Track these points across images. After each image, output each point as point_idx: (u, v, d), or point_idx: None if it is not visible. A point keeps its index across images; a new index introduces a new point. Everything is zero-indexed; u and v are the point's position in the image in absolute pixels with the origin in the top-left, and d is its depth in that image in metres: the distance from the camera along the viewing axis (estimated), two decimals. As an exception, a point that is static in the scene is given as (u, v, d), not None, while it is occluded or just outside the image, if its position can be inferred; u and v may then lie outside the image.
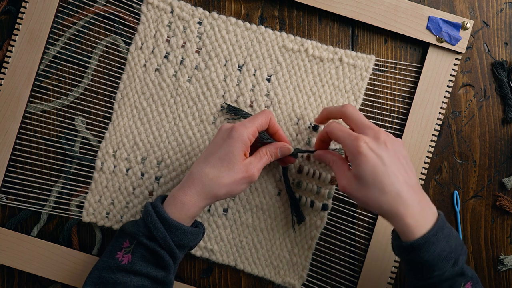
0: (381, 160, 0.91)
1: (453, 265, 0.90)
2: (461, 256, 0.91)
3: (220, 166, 0.95)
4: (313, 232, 1.11)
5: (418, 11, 1.08)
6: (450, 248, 0.89)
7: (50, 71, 1.12)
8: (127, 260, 0.93)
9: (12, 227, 1.12)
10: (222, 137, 0.96)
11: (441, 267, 0.89)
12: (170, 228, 0.93)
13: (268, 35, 1.10)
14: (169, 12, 1.10)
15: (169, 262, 0.95)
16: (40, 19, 1.10)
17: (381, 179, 0.90)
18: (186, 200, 0.94)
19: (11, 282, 1.13)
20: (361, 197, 0.92)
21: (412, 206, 0.89)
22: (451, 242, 0.90)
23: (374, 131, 0.93)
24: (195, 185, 0.95)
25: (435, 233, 0.89)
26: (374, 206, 0.91)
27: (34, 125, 1.12)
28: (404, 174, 0.91)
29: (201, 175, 0.95)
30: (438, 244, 0.88)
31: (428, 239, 0.88)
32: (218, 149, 0.96)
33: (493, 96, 1.13)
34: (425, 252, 0.88)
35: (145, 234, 0.93)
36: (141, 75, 1.10)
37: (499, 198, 1.12)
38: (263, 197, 1.10)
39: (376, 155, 0.91)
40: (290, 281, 1.11)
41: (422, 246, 0.88)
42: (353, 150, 0.92)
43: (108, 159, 1.11)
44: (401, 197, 0.89)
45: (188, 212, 0.95)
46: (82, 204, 1.12)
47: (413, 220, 0.89)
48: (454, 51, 1.09)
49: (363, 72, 1.10)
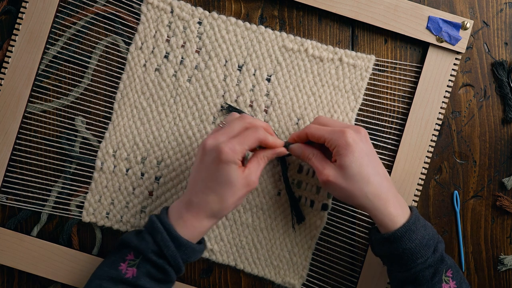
0: (364, 151, 0.94)
1: (434, 252, 0.93)
2: (439, 243, 0.94)
3: (222, 191, 0.94)
4: (313, 232, 1.11)
5: (418, 11, 1.08)
6: (428, 235, 0.93)
7: (50, 71, 1.12)
8: (132, 274, 0.93)
9: (12, 227, 1.12)
10: (213, 161, 0.94)
11: (423, 254, 0.92)
12: (180, 247, 0.93)
13: (268, 35, 1.10)
14: (169, 12, 1.10)
15: (173, 278, 0.96)
16: (40, 19, 1.10)
17: (366, 170, 0.93)
18: (197, 224, 0.95)
19: (11, 282, 1.13)
20: (346, 187, 0.94)
21: (392, 196, 0.94)
22: (428, 230, 0.94)
23: (353, 127, 0.97)
24: (205, 211, 0.95)
25: (414, 221, 0.93)
26: (359, 197, 0.94)
27: (34, 125, 1.12)
28: (381, 167, 0.97)
29: (207, 202, 0.95)
30: (418, 232, 0.92)
31: (408, 228, 0.92)
32: (214, 175, 0.95)
33: (493, 96, 1.13)
34: (407, 240, 0.91)
35: (154, 251, 0.93)
36: (141, 75, 1.10)
37: (499, 198, 1.12)
38: (263, 197, 1.10)
39: (360, 146, 0.94)
40: (290, 281, 1.11)
41: (404, 235, 0.92)
42: (340, 142, 0.94)
43: (108, 159, 1.11)
44: (383, 188, 0.94)
45: (199, 234, 0.96)
46: (82, 204, 1.12)
47: (394, 209, 0.93)
48: (454, 51, 1.09)
49: (363, 72, 1.10)
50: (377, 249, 0.99)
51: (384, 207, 0.93)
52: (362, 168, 0.93)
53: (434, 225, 1.12)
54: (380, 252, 0.98)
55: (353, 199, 0.95)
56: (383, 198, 0.93)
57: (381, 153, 1.11)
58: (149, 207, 1.11)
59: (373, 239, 0.98)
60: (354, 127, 0.97)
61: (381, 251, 0.97)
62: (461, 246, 1.12)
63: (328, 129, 0.97)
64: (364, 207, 0.95)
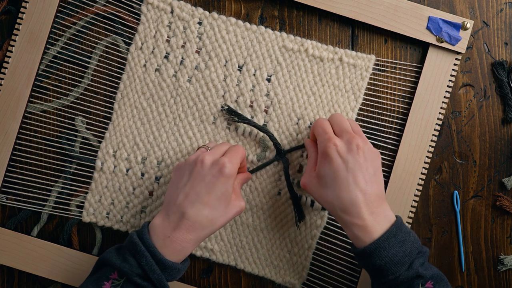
0: (346, 165, 0.93)
1: (408, 269, 0.91)
2: (417, 259, 0.92)
3: (218, 206, 0.94)
4: (313, 232, 1.11)
5: (418, 11, 1.08)
6: (403, 252, 0.91)
7: (50, 71, 1.12)
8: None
9: (12, 227, 1.12)
10: (213, 175, 0.95)
11: (394, 271, 0.91)
12: (165, 269, 0.92)
13: (268, 35, 1.10)
14: (169, 12, 1.10)
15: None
16: (40, 19, 1.10)
17: (340, 183, 0.93)
18: (185, 244, 0.94)
19: (11, 282, 1.13)
20: (318, 196, 0.96)
21: (365, 213, 0.92)
22: (406, 247, 0.92)
23: (350, 135, 0.96)
24: (196, 229, 0.94)
25: (387, 238, 0.91)
26: (328, 208, 0.96)
27: (34, 125, 1.12)
28: (364, 182, 0.94)
29: (200, 218, 0.94)
30: (390, 249, 0.91)
31: (378, 245, 0.91)
32: (212, 189, 0.94)
33: (493, 96, 1.13)
34: (376, 257, 0.91)
35: (138, 275, 0.91)
36: (141, 75, 1.10)
37: (499, 198, 1.12)
38: (263, 196, 1.10)
39: (342, 159, 0.94)
40: (290, 280, 1.11)
41: (373, 252, 0.91)
42: (322, 150, 0.95)
43: (108, 159, 1.11)
44: (354, 205, 0.92)
45: (186, 254, 0.95)
46: (82, 204, 1.12)
47: (363, 228, 0.92)
48: (454, 51, 1.09)
49: (363, 71, 1.10)
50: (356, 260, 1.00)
51: (352, 224, 0.92)
52: (335, 181, 0.93)
53: (434, 225, 1.12)
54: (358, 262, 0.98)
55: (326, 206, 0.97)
56: (352, 215, 0.92)
57: (381, 152, 1.10)
58: (149, 207, 1.11)
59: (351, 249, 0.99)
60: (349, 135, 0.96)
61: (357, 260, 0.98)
62: (461, 246, 1.13)
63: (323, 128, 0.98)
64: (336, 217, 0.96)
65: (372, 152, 0.97)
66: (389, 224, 0.94)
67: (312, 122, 1.10)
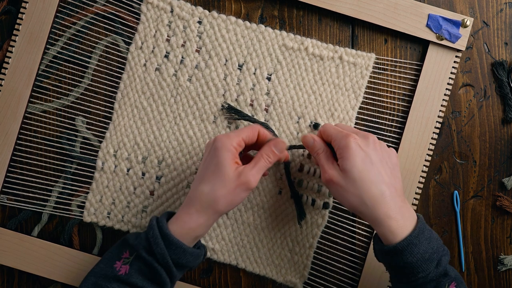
0: (369, 157, 0.93)
1: (436, 266, 0.91)
2: (443, 257, 0.92)
3: (213, 179, 0.94)
4: (314, 231, 1.11)
5: (418, 9, 1.08)
6: (432, 249, 0.90)
7: (50, 71, 1.12)
8: (124, 271, 0.93)
9: (12, 227, 1.12)
10: (209, 152, 0.96)
11: (425, 269, 0.90)
12: (170, 245, 0.92)
13: (268, 34, 1.10)
14: (169, 12, 1.10)
15: (165, 280, 0.94)
16: (40, 19, 1.10)
17: (367, 175, 0.92)
18: (187, 218, 0.94)
19: (11, 282, 1.13)
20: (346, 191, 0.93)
21: (394, 208, 0.91)
22: (433, 243, 0.91)
23: (364, 133, 0.96)
24: (194, 204, 0.94)
25: (417, 235, 0.90)
26: (358, 204, 0.93)
27: (35, 126, 1.12)
28: (390, 176, 0.94)
29: (197, 193, 0.94)
30: (421, 246, 0.89)
31: (410, 241, 0.89)
32: (208, 164, 0.95)
33: (493, 96, 1.13)
34: (408, 254, 0.89)
35: (145, 248, 0.93)
36: (141, 75, 1.10)
37: (499, 198, 1.12)
38: (264, 195, 1.10)
39: (364, 152, 0.93)
40: (291, 279, 1.11)
41: (405, 249, 0.89)
42: (342, 144, 0.93)
43: (109, 159, 1.11)
44: (384, 198, 0.91)
45: (190, 231, 0.94)
46: (83, 204, 1.12)
47: (395, 222, 0.91)
48: (454, 49, 1.09)
49: (363, 70, 1.10)
50: (379, 258, 0.97)
51: (384, 219, 0.91)
52: (362, 174, 0.92)
53: (434, 225, 1.12)
54: (382, 261, 0.97)
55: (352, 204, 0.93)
56: (383, 209, 0.91)
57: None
58: (150, 206, 1.11)
59: (375, 248, 0.97)
60: (363, 133, 0.96)
61: (383, 260, 0.96)
62: (461, 246, 1.13)
63: (338, 129, 0.97)
64: (364, 216, 0.93)
65: (390, 150, 0.97)
66: (415, 221, 0.93)
67: (312, 121, 1.10)
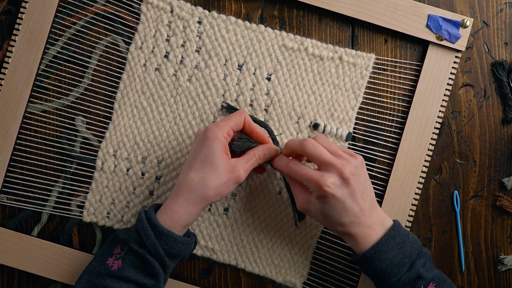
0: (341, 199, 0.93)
1: (408, 270, 0.94)
2: (417, 260, 0.94)
3: (203, 168, 0.94)
4: (313, 231, 1.11)
5: (418, 9, 1.08)
6: (403, 254, 0.94)
7: (50, 71, 1.12)
8: (117, 266, 0.94)
9: (12, 227, 1.12)
10: (199, 141, 0.96)
11: (396, 273, 0.93)
12: (160, 236, 0.93)
13: (268, 34, 1.10)
14: (168, 12, 1.10)
15: (158, 271, 0.95)
16: (40, 19, 1.10)
17: (339, 213, 0.94)
18: (176, 207, 0.94)
19: (11, 282, 1.13)
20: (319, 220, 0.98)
21: (363, 226, 0.95)
22: (405, 248, 0.94)
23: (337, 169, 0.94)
24: (183, 192, 0.94)
25: (385, 242, 0.94)
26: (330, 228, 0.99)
27: (35, 125, 1.12)
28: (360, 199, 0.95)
29: (187, 181, 0.95)
30: (390, 252, 0.93)
31: (378, 249, 0.94)
32: (198, 153, 0.95)
33: (493, 96, 1.13)
34: (377, 261, 0.93)
35: (136, 241, 0.94)
36: (141, 75, 1.10)
37: (499, 198, 1.12)
38: (263, 196, 1.10)
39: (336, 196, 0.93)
40: (291, 279, 1.11)
41: (374, 256, 0.94)
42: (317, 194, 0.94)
43: (108, 159, 1.11)
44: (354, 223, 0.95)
45: (179, 220, 0.95)
46: (83, 204, 1.12)
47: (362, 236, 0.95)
48: (454, 49, 1.09)
49: (363, 70, 1.10)
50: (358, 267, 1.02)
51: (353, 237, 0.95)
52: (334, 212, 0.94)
53: (434, 225, 1.12)
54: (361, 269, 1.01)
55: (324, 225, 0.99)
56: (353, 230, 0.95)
57: (381, 151, 1.11)
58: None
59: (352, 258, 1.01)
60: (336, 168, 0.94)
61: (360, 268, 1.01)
62: (461, 246, 1.12)
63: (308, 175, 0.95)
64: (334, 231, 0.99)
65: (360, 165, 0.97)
66: (386, 228, 0.96)
67: (312, 121, 1.10)
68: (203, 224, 1.11)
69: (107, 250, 0.96)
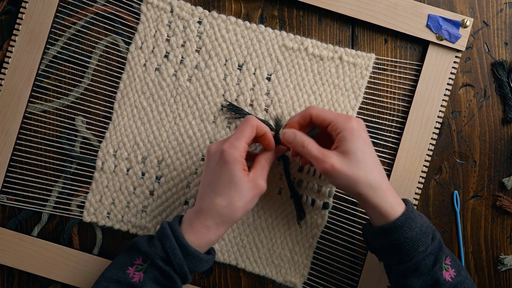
0: (368, 140, 0.95)
1: (432, 240, 0.93)
2: (435, 231, 0.95)
3: (229, 192, 0.93)
4: (314, 231, 1.11)
5: (418, 9, 1.08)
6: (426, 223, 0.94)
7: (50, 71, 1.12)
8: (139, 279, 0.93)
9: (12, 227, 1.12)
10: (217, 163, 0.95)
11: (424, 242, 0.92)
12: (187, 255, 0.93)
13: (268, 34, 1.10)
14: (168, 12, 1.10)
15: (179, 286, 0.95)
16: (40, 19, 1.10)
17: (369, 158, 0.93)
18: (205, 231, 0.94)
19: (11, 282, 1.13)
20: (351, 174, 0.93)
21: (389, 187, 0.95)
22: (424, 218, 0.95)
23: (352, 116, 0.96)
24: (212, 217, 0.94)
25: (412, 210, 0.93)
26: (363, 185, 0.93)
27: (35, 125, 1.12)
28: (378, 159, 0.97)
29: (214, 206, 0.94)
30: (417, 220, 0.92)
31: (408, 216, 0.92)
32: (219, 177, 0.95)
33: (493, 96, 1.13)
34: (407, 228, 0.92)
35: (161, 258, 0.93)
36: (141, 75, 1.11)
37: (499, 198, 1.12)
38: (263, 196, 1.10)
39: (363, 135, 0.94)
40: (291, 279, 1.11)
41: (405, 223, 0.92)
42: (347, 127, 0.94)
43: (108, 159, 1.11)
44: (383, 178, 0.95)
45: (209, 242, 0.95)
46: (83, 204, 1.12)
47: (394, 198, 0.94)
48: (454, 49, 1.09)
49: (363, 70, 1.10)
50: (374, 244, 0.98)
51: (386, 196, 0.93)
52: (366, 156, 0.93)
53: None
54: (377, 246, 0.97)
55: (356, 187, 0.93)
56: (384, 188, 0.93)
57: (381, 151, 1.11)
58: (150, 206, 1.11)
59: (370, 232, 0.98)
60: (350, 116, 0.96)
61: (379, 244, 0.96)
62: (461, 246, 1.13)
63: (333, 112, 0.97)
64: (366, 196, 0.93)
65: None
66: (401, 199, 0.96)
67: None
68: (203, 224, 1.11)
69: (128, 259, 0.96)
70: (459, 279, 0.94)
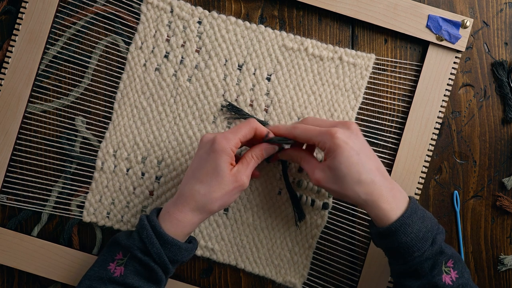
0: (354, 149, 0.93)
1: (431, 245, 0.92)
2: (438, 235, 0.93)
3: (209, 181, 0.94)
4: (314, 231, 1.11)
5: (418, 10, 1.08)
6: (426, 228, 0.92)
7: (50, 71, 1.12)
8: (120, 273, 0.93)
9: (12, 227, 1.12)
10: (206, 151, 0.96)
11: (420, 248, 0.91)
12: (165, 244, 0.93)
13: (268, 34, 1.10)
14: (168, 12, 1.10)
15: (161, 277, 0.95)
16: (40, 19, 1.10)
17: (356, 168, 0.92)
18: (181, 217, 0.94)
19: (11, 282, 1.13)
20: (338, 188, 0.94)
21: (385, 191, 0.93)
22: (426, 222, 0.93)
23: (343, 123, 0.96)
24: (188, 203, 0.95)
25: (409, 215, 0.92)
26: (351, 196, 0.94)
27: (34, 125, 1.12)
28: (374, 161, 0.95)
29: (193, 192, 0.95)
30: (414, 225, 0.91)
31: (403, 222, 0.91)
32: (204, 164, 0.95)
33: (493, 96, 1.13)
34: (402, 234, 0.91)
35: (139, 248, 0.93)
36: (141, 75, 1.10)
37: (499, 198, 1.12)
38: (263, 196, 1.10)
39: (348, 145, 0.93)
40: (291, 280, 1.11)
41: (399, 229, 0.91)
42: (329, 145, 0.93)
43: (108, 159, 1.11)
44: (375, 184, 0.92)
45: (184, 229, 0.95)
46: (83, 204, 1.12)
47: (388, 204, 0.92)
48: (454, 50, 1.09)
49: (363, 70, 1.10)
50: (376, 241, 0.99)
51: (377, 203, 0.92)
52: (351, 168, 0.92)
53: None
54: (378, 244, 0.98)
55: (346, 198, 0.95)
56: (375, 195, 0.92)
57: (381, 151, 1.11)
58: (150, 206, 1.11)
59: (371, 232, 0.98)
60: (343, 123, 0.96)
61: (379, 243, 0.97)
62: (461, 246, 1.12)
63: (316, 130, 0.96)
64: (358, 204, 0.95)
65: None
66: (406, 201, 0.95)
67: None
68: (203, 224, 1.11)
69: (108, 255, 0.96)
70: (461, 281, 0.93)
